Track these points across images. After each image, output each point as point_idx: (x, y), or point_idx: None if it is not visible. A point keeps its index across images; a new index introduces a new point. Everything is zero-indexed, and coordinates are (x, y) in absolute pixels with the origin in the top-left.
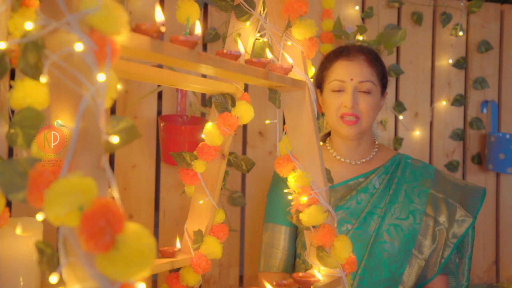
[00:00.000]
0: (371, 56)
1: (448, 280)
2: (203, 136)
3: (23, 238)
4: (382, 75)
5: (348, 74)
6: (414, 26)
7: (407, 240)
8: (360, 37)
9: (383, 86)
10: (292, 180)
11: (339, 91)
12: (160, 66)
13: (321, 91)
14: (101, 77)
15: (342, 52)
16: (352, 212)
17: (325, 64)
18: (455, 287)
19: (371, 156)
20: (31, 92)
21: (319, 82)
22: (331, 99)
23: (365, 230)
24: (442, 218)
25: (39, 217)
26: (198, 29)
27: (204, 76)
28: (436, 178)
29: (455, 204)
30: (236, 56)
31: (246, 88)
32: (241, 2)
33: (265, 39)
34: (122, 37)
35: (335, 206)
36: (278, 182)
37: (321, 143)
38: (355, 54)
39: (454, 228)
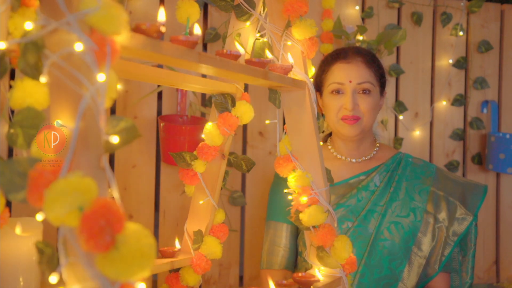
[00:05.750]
0: (368, 57)
1: (449, 278)
2: (203, 136)
3: (23, 238)
4: (380, 75)
5: (347, 76)
6: (414, 26)
7: (408, 238)
8: (360, 37)
9: (382, 86)
10: (292, 180)
11: (338, 93)
12: (160, 66)
13: (321, 94)
14: (101, 77)
15: (340, 55)
16: (353, 210)
17: (323, 68)
18: (459, 284)
19: (372, 155)
20: (31, 92)
21: (318, 86)
22: (331, 101)
23: (365, 227)
24: (442, 216)
25: (39, 217)
26: (197, 30)
27: (204, 76)
28: (437, 176)
29: (456, 202)
30: (236, 56)
31: (246, 88)
32: (241, 2)
33: (265, 39)
34: (122, 37)
35: (336, 204)
36: (280, 181)
37: (322, 143)
38: (352, 56)
39: (455, 226)
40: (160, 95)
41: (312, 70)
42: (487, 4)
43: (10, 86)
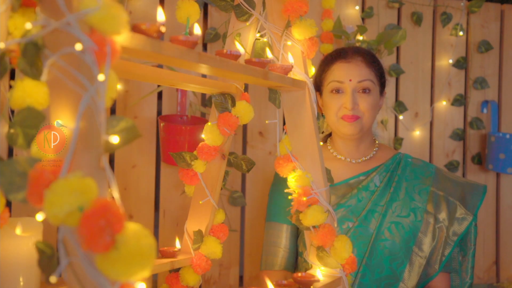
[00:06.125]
0: (368, 56)
1: (450, 278)
2: (203, 136)
3: (23, 238)
4: (380, 75)
5: (346, 75)
6: (414, 26)
7: (408, 238)
8: (360, 37)
9: (382, 85)
10: (292, 180)
11: (338, 92)
12: (160, 66)
13: (321, 94)
14: (101, 77)
15: (339, 54)
16: (353, 210)
17: (323, 67)
18: (459, 284)
19: (371, 155)
20: (31, 92)
21: (318, 85)
22: (331, 101)
23: (366, 227)
24: (442, 216)
25: (39, 217)
26: (197, 30)
27: (204, 76)
28: (437, 176)
29: (455, 202)
30: (236, 56)
31: (246, 88)
32: (241, 2)
33: (265, 39)
34: (122, 37)
35: (336, 204)
36: (280, 181)
37: (322, 143)
38: (352, 56)
39: (454, 226)
40: (160, 95)
41: (312, 70)
42: (487, 4)
43: (10, 86)
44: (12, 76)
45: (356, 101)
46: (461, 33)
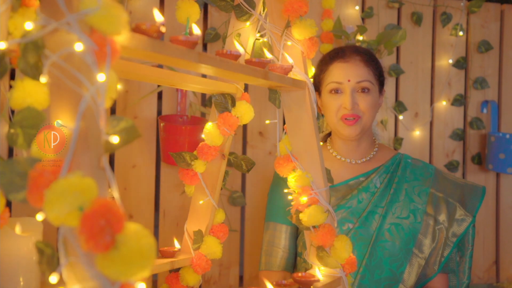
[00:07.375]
0: (366, 56)
1: (448, 279)
2: (203, 136)
3: (23, 238)
4: (379, 74)
5: (345, 75)
6: (414, 26)
7: (408, 239)
8: (360, 37)
9: (381, 84)
10: (292, 180)
11: (337, 92)
12: (160, 66)
13: (320, 94)
14: (101, 77)
15: (337, 54)
16: (353, 211)
17: (321, 67)
18: (456, 285)
19: (371, 155)
20: (31, 92)
21: (317, 85)
22: (330, 101)
23: (366, 229)
24: (442, 217)
25: (39, 217)
26: (196, 30)
27: (204, 76)
28: (436, 177)
29: (455, 204)
30: (236, 56)
31: (246, 88)
32: (241, 2)
33: (265, 39)
34: (122, 37)
35: (336, 205)
36: (279, 181)
37: (322, 143)
38: (350, 55)
39: (454, 228)
40: (160, 95)
41: (312, 70)
42: (487, 4)
43: (10, 86)
44: (12, 76)
45: (356, 100)
46: (461, 33)
